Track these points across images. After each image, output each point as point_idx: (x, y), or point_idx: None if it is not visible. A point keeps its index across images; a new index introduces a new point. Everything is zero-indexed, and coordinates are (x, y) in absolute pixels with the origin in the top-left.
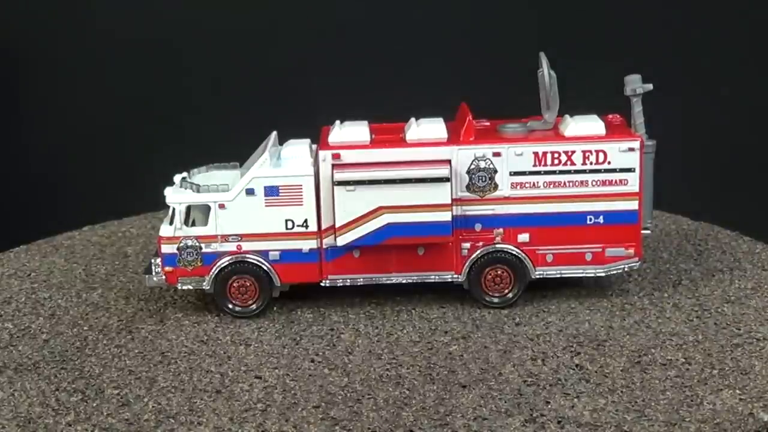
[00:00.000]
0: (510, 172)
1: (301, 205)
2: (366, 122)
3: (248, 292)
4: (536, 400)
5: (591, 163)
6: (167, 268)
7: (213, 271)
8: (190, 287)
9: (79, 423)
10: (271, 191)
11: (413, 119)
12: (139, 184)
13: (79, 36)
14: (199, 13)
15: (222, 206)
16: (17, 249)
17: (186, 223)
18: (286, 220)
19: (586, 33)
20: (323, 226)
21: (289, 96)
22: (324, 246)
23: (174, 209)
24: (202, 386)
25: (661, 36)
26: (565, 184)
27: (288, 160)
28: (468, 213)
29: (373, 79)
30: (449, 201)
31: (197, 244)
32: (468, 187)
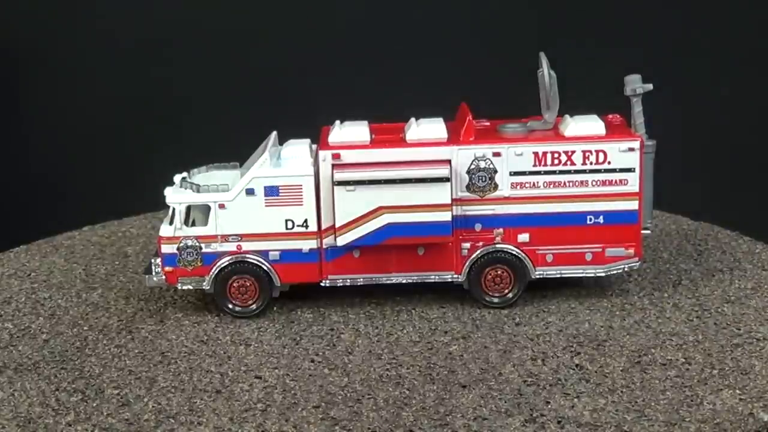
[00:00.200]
0: (510, 172)
1: (301, 205)
2: (366, 122)
3: (248, 292)
4: (536, 400)
5: (591, 163)
6: (167, 268)
7: (213, 271)
8: (190, 287)
9: (79, 423)
10: (271, 191)
11: (413, 119)
12: (139, 184)
13: (79, 36)
14: (199, 13)
15: (222, 206)
16: (17, 249)
17: (186, 223)
18: (286, 220)
19: (586, 33)
20: (323, 226)
21: (289, 96)
22: (324, 246)
23: (174, 209)
24: (202, 386)
25: (661, 36)
26: (565, 184)
27: (288, 160)
28: (468, 213)
29: (373, 79)
30: (449, 201)
31: (197, 244)
32: (468, 187)
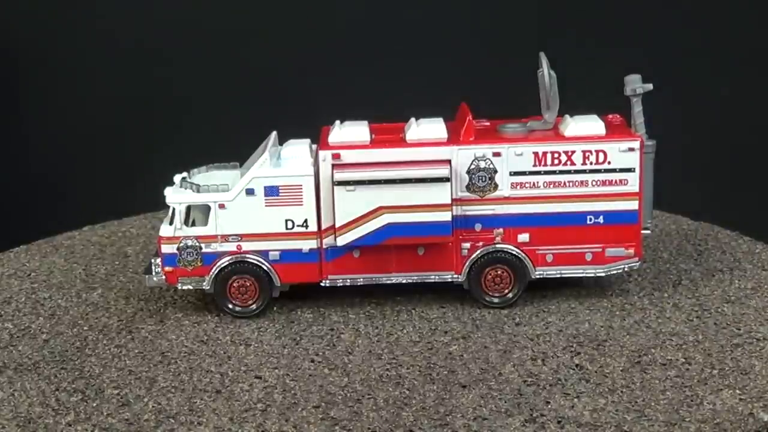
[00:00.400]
0: (510, 172)
1: (301, 205)
2: (366, 122)
3: (248, 292)
4: (536, 400)
5: (591, 163)
6: (167, 268)
7: (213, 271)
8: (190, 287)
9: (79, 423)
10: (271, 191)
11: (413, 119)
12: (139, 184)
13: (79, 36)
14: (199, 13)
15: (222, 206)
16: (17, 249)
17: (186, 223)
18: (286, 220)
19: (586, 33)
20: (323, 226)
21: (289, 96)
22: (324, 246)
23: (174, 209)
24: (202, 386)
25: (661, 36)
26: (565, 184)
27: (288, 160)
28: (468, 213)
29: (373, 79)
30: (449, 201)
31: (197, 244)
32: (468, 187)
